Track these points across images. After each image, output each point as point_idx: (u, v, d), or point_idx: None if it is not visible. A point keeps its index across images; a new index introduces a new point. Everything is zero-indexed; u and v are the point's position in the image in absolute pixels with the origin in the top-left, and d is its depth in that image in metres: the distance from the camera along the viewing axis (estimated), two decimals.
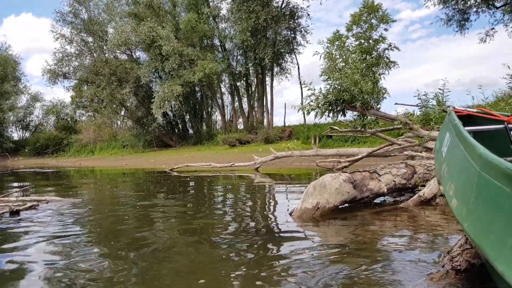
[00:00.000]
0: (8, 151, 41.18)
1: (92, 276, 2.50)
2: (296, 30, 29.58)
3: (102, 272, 2.59)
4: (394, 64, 25.05)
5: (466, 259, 2.19)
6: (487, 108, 12.36)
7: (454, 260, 2.24)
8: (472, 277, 2.18)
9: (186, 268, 2.67)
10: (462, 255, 2.22)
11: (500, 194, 1.35)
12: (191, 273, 2.56)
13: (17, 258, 2.97)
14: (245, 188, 8.45)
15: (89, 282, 2.38)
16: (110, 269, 2.63)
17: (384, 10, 24.92)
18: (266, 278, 2.39)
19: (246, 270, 2.56)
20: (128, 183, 11.23)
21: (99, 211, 5.34)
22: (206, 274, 2.50)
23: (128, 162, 24.70)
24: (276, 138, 24.66)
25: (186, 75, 27.15)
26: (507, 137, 2.63)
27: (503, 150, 2.62)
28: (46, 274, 2.56)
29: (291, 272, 2.48)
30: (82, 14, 32.19)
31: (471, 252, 2.21)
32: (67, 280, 2.42)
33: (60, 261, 2.86)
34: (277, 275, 2.44)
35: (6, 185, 10.63)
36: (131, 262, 2.79)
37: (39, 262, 2.84)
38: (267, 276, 2.43)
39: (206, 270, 2.60)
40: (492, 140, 2.73)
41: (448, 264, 2.25)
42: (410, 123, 7.42)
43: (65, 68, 32.83)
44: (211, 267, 2.67)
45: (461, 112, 2.87)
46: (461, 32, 23.68)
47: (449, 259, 2.29)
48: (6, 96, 42.33)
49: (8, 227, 4.22)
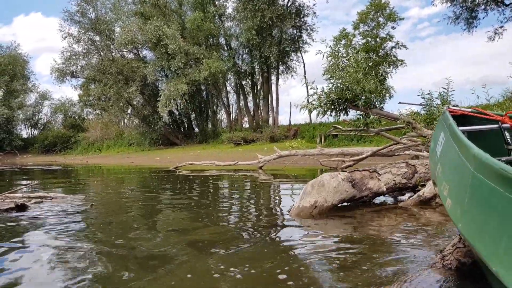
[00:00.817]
0: (17, 148, 41.71)
1: (89, 271, 2.54)
2: (302, 29, 29.55)
3: (97, 267, 2.62)
4: (402, 63, 24.95)
5: (456, 257, 2.20)
6: (494, 107, 12.23)
7: (445, 259, 2.25)
8: (463, 275, 2.19)
9: (182, 269, 2.70)
10: (453, 254, 2.23)
11: (494, 195, 1.36)
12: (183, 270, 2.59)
13: (17, 252, 3.02)
14: (247, 186, 8.48)
15: (87, 277, 2.42)
16: (105, 265, 2.67)
17: (392, 8, 24.81)
18: (258, 274, 2.41)
19: (237, 266, 2.59)
20: (133, 181, 11.31)
21: (102, 208, 5.40)
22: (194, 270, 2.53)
23: (134, 160, 24.85)
24: (282, 137, 24.67)
25: (192, 73, 27.25)
26: (501, 137, 2.63)
27: (497, 150, 2.62)
28: (42, 269, 2.60)
29: (284, 269, 2.50)
30: (89, 13, 32.48)
31: (461, 251, 2.22)
32: (62, 276, 2.46)
33: (58, 256, 2.90)
34: (269, 271, 2.47)
35: (15, 182, 10.75)
36: (130, 259, 2.83)
37: (37, 256, 2.89)
38: (260, 271, 2.46)
39: (194, 267, 2.63)
40: (486, 139, 2.73)
41: (439, 263, 2.27)
42: (413, 122, 7.39)
43: (72, 67, 33.13)
44: (199, 263, 2.70)
45: (455, 112, 2.87)
46: (469, 30, 23.56)
47: (441, 257, 2.31)
48: (15, 94, 42.90)
49: (11, 221, 4.28)
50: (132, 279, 2.40)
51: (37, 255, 2.98)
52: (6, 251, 3.12)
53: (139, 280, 2.39)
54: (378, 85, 7.59)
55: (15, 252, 3.08)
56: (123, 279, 2.41)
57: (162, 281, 2.38)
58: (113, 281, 2.38)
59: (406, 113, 8.09)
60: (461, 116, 2.89)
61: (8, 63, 42.33)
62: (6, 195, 5.70)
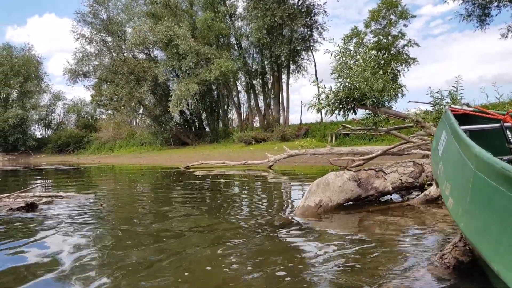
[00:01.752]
0: (31, 148, 42.35)
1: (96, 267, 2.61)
2: (313, 27, 29.41)
3: (103, 263, 2.68)
4: (414, 61, 24.71)
5: (454, 256, 2.21)
6: (507, 106, 12.04)
7: (444, 258, 2.26)
8: (461, 274, 2.20)
9: (192, 264, 2.74)
10: (451, 252, 2.24)
11: (495, 194, 1.36)
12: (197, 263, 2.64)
13: (26, 249, 3.09)
14: (255, 185, 8.51)
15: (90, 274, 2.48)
16: (112, 262, 2.73)
17: (404, 6, 24.58)
18: (258, 270, 2.44)
19: (237, 263, 2.62)
20: (144, 180, 11.42)
21: (111, 207, 5.47)
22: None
23: (146, 160, 25.06)
24: (292, 136, 24.61)
25: (203, 73, 27.35)
26: (502, 136, 2.62)
27: (499, 149, 2.60)
28: (50, 267, 2.67)
29: (284, 266, 2.52)
30: (101, 14, 32.84)
31: (460, 249, 2.22)
32: (68, 275, 2.52)
33: (67, 253, 2.97)
34: (269, 268, 2.49)
35: (28, 182, 10.94)
36: (138, 256, 2.88)
37: (46, 253, 2.96)
38: (259, 267, 2.48)
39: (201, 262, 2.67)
40: (488, 139, 2.72)
41: (438, 261, 2.28)
42: (421, 121, 7.34)
43: (85, 68, 33.57)
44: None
45: (457, 111, 2.86)
46: (481, 27, 23.18)
47: (440, 256, 2.32)
48: (29, 95, 43.55)
49: (22, 220, 4.38)
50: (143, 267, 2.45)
51: (45, 253, 3.05)
52: (15, 248, 3.20)
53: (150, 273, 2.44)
54: (387, 84, 7.53)
55: (25, 249, 3.16)
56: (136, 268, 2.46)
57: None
58: (117, 273, 2.44)
59: (415, 112, 8.02)
60: (463, 115, 2.88)
61: (22, 64, 43.03)
62: (18, 194, 5.82)
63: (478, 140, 1.94)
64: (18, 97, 44.19)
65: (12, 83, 42.52)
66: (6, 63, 42.06)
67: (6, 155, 40.10)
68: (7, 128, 40.66)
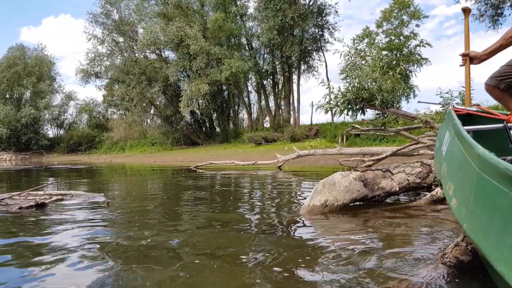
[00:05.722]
0: (43, 148, 42.93)
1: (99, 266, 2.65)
2: (324, 28, 29.37)
3: (108, 265, 2.73)
4: (426, 61, 24.52)
5: (455, 255, 2.21)
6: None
7: (445, 257, 2.26)
8: (462, 273, 2.19)
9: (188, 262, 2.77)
10: (452, 251, 2.23)
11: (498, 194, 1.35)
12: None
13: (35, 244, 3.16)
14: (263, 185, 8.53)
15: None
16: (119, 263, 2.77)
17: (416, 6, 24.39)
18: (259, 269, 2.46)
19: (236, 261, 2.65)
20: (154, 179, 11.52)
21: (120, 206, 5.54)
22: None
23: (156, 160, 25.23)
24: (303, 136, 24.57)
25: (213, 74, 27.49)
26: (506, 136, 2.60)
27: (503, 149, 2.59)
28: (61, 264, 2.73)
29: (287, 264, 2.54)
30: (113, 15, 33.21)
31: (460, 249, 2.22)
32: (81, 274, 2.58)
33: (74, 248, 3.02)
34: (269, 266, 2.51)
35: (41, 181, 11.10)
36: (143, 253, 2.93)
37: (54, 247, 3.02)
38: (261, 266, 2.51)
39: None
40: (492, 139, 2.70)
41: (439, 260, 2.27)
42: (431, 122, 7.31)
43: (97, 68, 33.98)
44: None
45: (460, 111, 2.85)
46: (494, 27, 22.89)
47: (441, 255, 2.32)
48: (41, 95, 44.18)
49: (31, 218, 4.46)
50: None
51: (53, 247, 3.11)
52: (24, 244, 3.27)
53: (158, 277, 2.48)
54: (396, 84, 7.51)
55: (33, 245, 3.22)
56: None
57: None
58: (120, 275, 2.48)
59: (424, 112, 8.00)
60: (466, 115, 2.86)
61: (35, 65, 43.66)
62: (29, 193, 5.92)
63: (481, 141, 1.94)
64: (31, 97, 44.87)
65: (25, 83, 43.16)
66: (19, 64, 42.71)
67: (19, 154, 40.68)
68: (20, 127, 41.27)
